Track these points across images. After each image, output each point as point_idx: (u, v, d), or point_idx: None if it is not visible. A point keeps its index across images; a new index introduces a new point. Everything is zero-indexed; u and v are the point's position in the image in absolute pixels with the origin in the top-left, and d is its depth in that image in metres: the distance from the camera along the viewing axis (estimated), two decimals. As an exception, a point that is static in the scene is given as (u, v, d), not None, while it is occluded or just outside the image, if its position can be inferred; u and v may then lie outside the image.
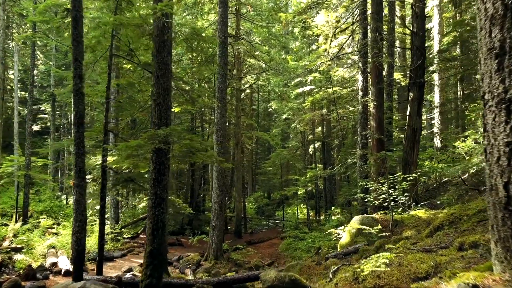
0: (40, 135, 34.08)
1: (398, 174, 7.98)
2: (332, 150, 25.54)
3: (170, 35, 7.01)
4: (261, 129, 34.12)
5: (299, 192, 25.14)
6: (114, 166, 7.53)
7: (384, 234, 7.62)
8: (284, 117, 26.58)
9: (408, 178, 8.00)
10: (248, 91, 30.87)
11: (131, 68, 12.32)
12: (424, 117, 22.80)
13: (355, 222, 8.14)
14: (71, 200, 23.23)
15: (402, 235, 7.12)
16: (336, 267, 4.35)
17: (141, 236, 17.75)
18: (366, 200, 9.47)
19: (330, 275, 4.11)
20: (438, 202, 8.77)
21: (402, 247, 4.50)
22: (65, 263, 10.67)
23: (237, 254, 14.70)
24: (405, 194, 8.54)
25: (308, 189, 25.00)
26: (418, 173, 8.25)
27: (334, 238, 9.44)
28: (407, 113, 12.08)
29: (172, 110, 10.57)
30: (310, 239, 16.13)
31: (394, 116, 18.87)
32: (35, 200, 25.30)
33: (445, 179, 16.33)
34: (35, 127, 32.76)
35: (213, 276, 8.97)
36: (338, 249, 8.39)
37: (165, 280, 7.79)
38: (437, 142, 22.11)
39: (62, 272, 10.31)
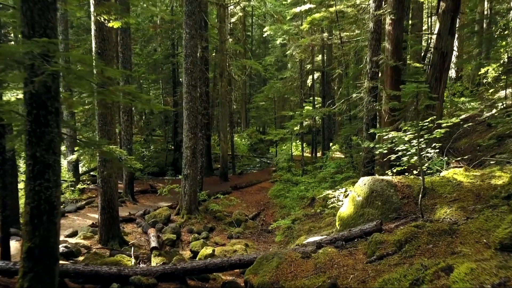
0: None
1: (430, 118, 5.28)
2: (332, 82, 22.52)
3: None
4: (255, 58, 30.49)
5: (295, 128, 22.63)
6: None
7: (406, 208, 5.18)
8: (278, 42, 23.03)
9: (444, 124, 5.32)
10: (240, 14, 26.86)
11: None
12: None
13: (362, 187, 5.66)
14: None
15: (436, 214, 4.66)
16: None
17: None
18: (377, 151, 6.88)
19: None
20: (492, 162, 6.18)
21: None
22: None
23: (217, 204, 12.58)
24: (434, 145, 5.97)
25: (304, 124, 22.41)
26: (461, 117, 5.58)
27: (331, 204, 7.04)
28: (435, 31, 9.04)
29: (110, 25, 7.57)
30: (303, 186, 13.97)
31: (411, 40, 15.59)
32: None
33: (464, 116, 13.69)
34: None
35: (169, 258, 6.71)
36: (337, 223, 6.01)
37: (89, 268, 5.51)
38: (451, 72, 19.11)
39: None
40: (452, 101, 15.89)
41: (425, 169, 6.23)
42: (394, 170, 6.46)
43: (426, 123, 5.26)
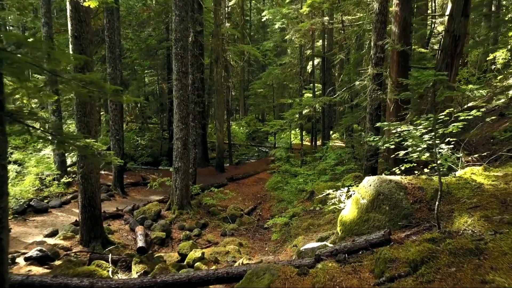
0: None
1: (448, 111, 4.58)
2: (333, 68, 21.65)
3: None
4: (254, 43, 29.49)
5: (294, 117, 21.83)
6: None
7: (418, 214, 4.52)
8: (277, 26, 22.08)
9: (462, 117, 4.60)
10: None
11: None
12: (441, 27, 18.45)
13: (367, 188, 5.00)
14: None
15: (455, 223, 4.00)
16: None
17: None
18: (383, 146, 6.18)
19: None
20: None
21: None
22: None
23: (211, 198, 11.95)
24: (448, 140, 5.28)
25: (304, 112, 21.63)
26: (467, 106, 4.87)
27: (331, 205, 6.38)
28: (447, 12, 8.25)
29: (86, 4, 6.79)
30: (302, 178, 13.31)
31: (414, 24, 14.72)
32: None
33: (470, 104, 12.95)
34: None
35: (151, 266, 6.07)
36: (338, 228, 5.36)
37: (58, 281, 4.89)
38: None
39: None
40: (459, 88, 15.11)
41: (439, 164, 5.53)
42: (402, 168, 5.78)
43: (442, 116, 4.58)
